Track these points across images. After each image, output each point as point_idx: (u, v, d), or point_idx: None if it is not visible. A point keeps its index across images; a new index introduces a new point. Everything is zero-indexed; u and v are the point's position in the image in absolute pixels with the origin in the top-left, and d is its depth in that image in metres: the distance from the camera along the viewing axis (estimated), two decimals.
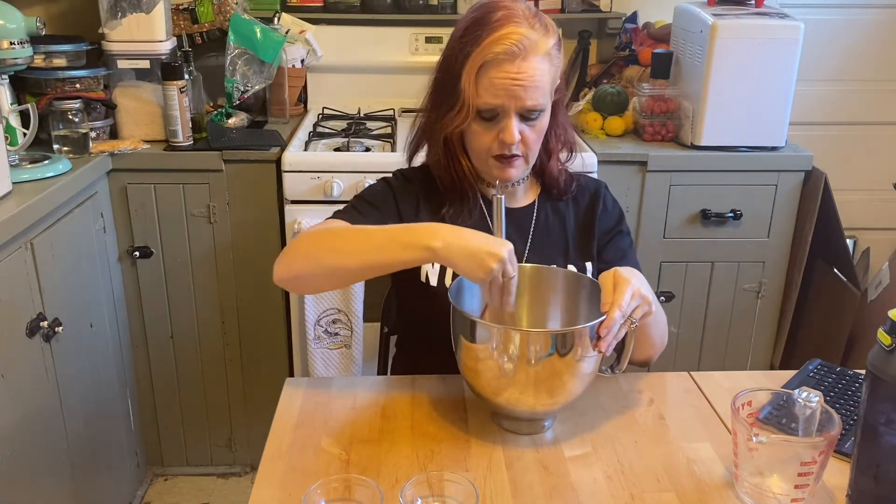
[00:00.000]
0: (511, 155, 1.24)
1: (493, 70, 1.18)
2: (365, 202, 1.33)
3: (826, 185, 2.13)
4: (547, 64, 1.20)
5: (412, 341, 1.47)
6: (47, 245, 1.71)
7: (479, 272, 1.05)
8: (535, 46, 1.18)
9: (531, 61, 1.18)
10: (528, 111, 1.21)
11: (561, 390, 1.06)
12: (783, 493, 0.95)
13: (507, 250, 1.06)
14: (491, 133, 1.23)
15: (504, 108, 1.20)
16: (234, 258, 2.16)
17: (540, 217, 1.37)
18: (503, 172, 1.27)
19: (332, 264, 1.16)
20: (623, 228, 1.39)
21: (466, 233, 1.08)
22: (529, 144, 1.25)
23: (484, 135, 1.24)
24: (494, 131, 1.23)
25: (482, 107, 1.21)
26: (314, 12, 2.53)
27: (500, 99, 1.19)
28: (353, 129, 2.29)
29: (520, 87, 1.18)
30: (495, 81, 1.18)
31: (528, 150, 1.26)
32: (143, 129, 2.15)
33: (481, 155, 1.27)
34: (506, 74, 1.17)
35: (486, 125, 1.23)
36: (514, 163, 1.26)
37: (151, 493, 2.31)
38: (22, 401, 1.60)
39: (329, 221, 1.28)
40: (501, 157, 1.25)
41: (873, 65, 2.82)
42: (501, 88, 1.18)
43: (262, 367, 2.27)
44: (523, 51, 1.17)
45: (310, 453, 1.07)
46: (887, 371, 0.88)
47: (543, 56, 1.19)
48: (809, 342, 2.32)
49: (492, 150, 1.25)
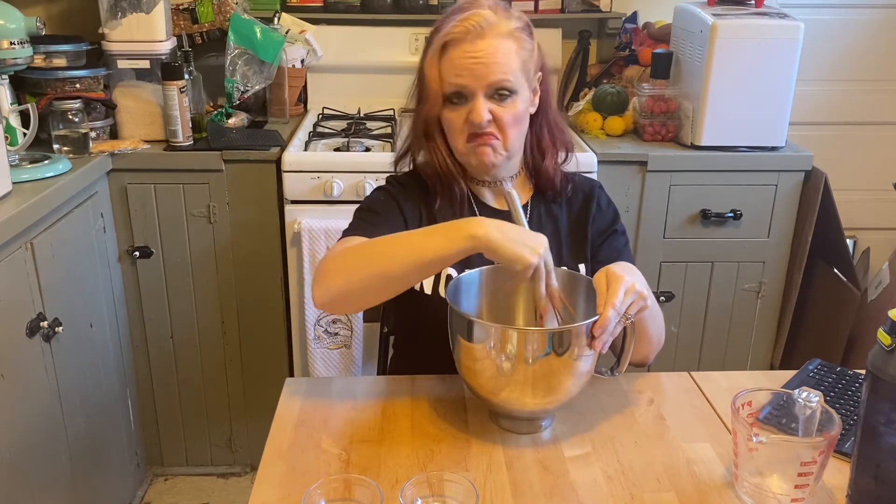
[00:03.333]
0: (483, 133, 1.24)
1: (453, 50, 1.21)
2: (371, 212, 1.32)
3: (826, 185, 2.13)
4: (511, 44, 1.22)
5: (410, 343, 1.47)
6: (47, 245, 1.71)
7: (529, 257, 1.04)
8: (493, 26, 1.21)
9: (490, 39, 1.20)
10: (494, 90, 1.22)
11: (558, 389, 1.06)
12: (783, 493, 0.95)
13: (544, 242, 1.07)
14: (461, 116, 1.24)
15: (468, 88, 1.22)
16: (234, 258, 2.16)
17: (532, 218, 1.36)
18: (479, 156, 1.26)
19: (372, 275, 1.13)
20: (618, 228, 1.38)
21: (507, 224, 1.08)
22: (503, 126, 1.24)
23: (456, 120, 1.25)
24: (465, 113, 1.24)
25: (448, 90, 1.23)
26: (314, 12, 2.53)
27: (462, 78, 1.21)
28: (353, 129, 2.29)
29: (480, 64, 1.20)
30: (455, 62, 1.21)
31: (504, 134, 1.25)
32: (143, 129, 2.15)
33: (459, 143, 1.27)
34: (464, 53, 1.20)
35: (457, 110, 1.24)
36: (488, 141, 1.25)
37: (151, 493, 2.31)
38: (22, 401, 1.60)
39: (346, 240, 1.24)
40: (473, 136, 1.25)
41: (873, 65, 2.82)
42: (462, 68, 1.21)
43: (262, 367, 2.27)
44: (480, 29, 1.20)
45: (310, 453, 1.07)
46: (887, 371, 0.88)
47: (505, 36, 1.22)
48: (809, 342, 2.32)
49: (464, 133, 1.25)
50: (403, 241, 1.14)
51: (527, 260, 1.04)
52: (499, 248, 1.05)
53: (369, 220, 1.29)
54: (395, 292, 1.16)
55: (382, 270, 1.12)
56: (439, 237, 1.09)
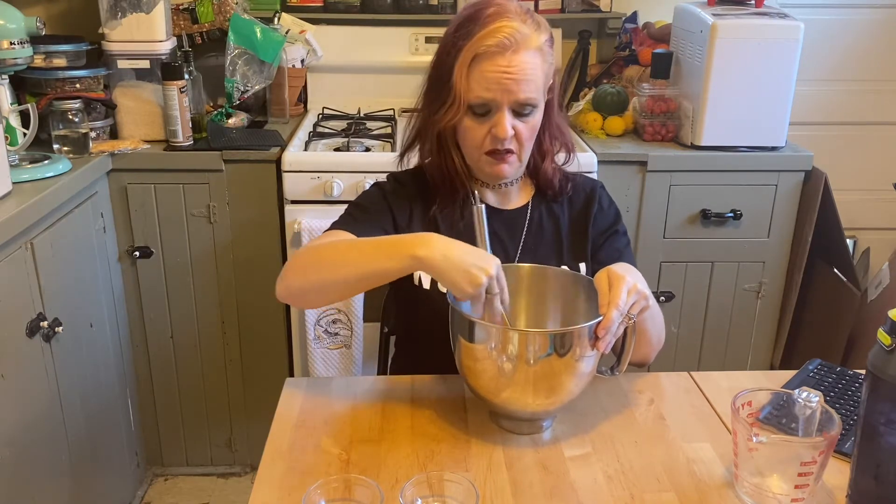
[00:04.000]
0: (504, 150, 1.24)
1: (485, 63, 1.18)
2: (359, 208, 1.33)
3: (826, 185, 2.13)
4: (539, 59, 1.21)
5: (411, 342, 1.47)
6: (47, 245, 1.71)
7: (465, 287, 1.04)
8: (526, 40, 1.18)
9: (522, 55, 1.18)
10: (520, 105, 1.21)
11: (560, 390, 1.06)
12: (783, 493, 0.95)
13: (494, 266, 1.05)
14: (483, 128, 1.23)
15: (496, 102, 1.20)
16: (234, 258, 2.16)
17: (533, 218, 1.36)
18: (495, 169, 1.26)
19: (324, 279, 1.17)
20: (619, 228, 1.38)
21: (456, 245, 1.07)
22: (522, 140, 1.24)
23: (476, 130, 1.24)
24: (487, 126, 1.23)
25: (474, 101, 1.21)
26: (314, 12, 2.53)
27: (491, 93, 1.19)
28: (353, 129, 2.29)
29: (511, 80, 1.18)
30: (487, 75, 1.18)
31: (522, 147, 1.25)
32: (143, 129, 2.15)
33: (474, 152, 1.27)
34: (497, 67, 1.18)
35: (479, 120, 1.23)
36: (507, 159, 1.25)
37: (151, 493, 2.31)
38: (22, 401, 1.60)
39: (327, 234, 1.28)
40: (494, 152, 1.25)
41: (873, 65, 2.82)
42: (493, 82, 1.18)
43: (262, 367, 2.27)
44: (514, 44, 1.17)
45: (310, 453, 1.07)
46: (887, 371, 0.88)
47: (535, 51, 1.20)
48: (809, 342, 2.32)
49: (484, 146, 1.25)
50: (357, 249, 1.16)
51: (462, 289, 1.04)
52: (439, 273, 1.06)
53: (355, 216, 1.31)
54: (347, 296, 1.23)
55: (334, 276, 1.16)
56: (385, 253, 1.11)
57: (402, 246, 1.09)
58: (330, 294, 1.21)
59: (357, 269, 1.14)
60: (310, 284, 1.18)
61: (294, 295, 1.23)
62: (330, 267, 1.16)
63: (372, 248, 1.14)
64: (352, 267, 1.14)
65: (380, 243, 1.14)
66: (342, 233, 1.26)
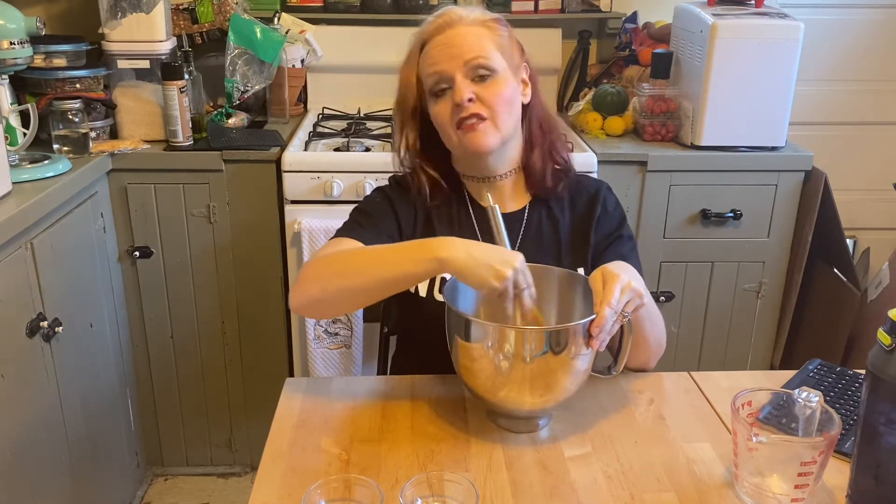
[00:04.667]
0: (470, 116, 1.24)
1: (429, 45, 1.27)
2: (364, 214, 1.33)
3: (826, 185, 2.13)
4: (482, 30, 1.26)
5: (410, 342, 1.47)
6: (47, 245, 1.71)
7: (493, 282, 1.05)
8: (462, 18, 1.27)
9: (460, 27, 1.26)
10: (472, 69, 1.23)
11: (556, 387, 1.06)
12: (783, 493, 0.95)
13: (519, 259, 1.07)
14: (448, 104, 1.25)
15: (446, 72, 1.24)
16: (234, 258, 2.16)
17: (531, 222, 1.35)
18: (469, 139, 1.25)
19: (345, 287, 1.16)
20: (624, 232, 1.36)
21: (477, 244, 1.08)
22: (489, 104, 1.24)
23: (443, 109, 1.26)
24: (451, 103, 1.25)
25: (429, 83, 1.26)
26: (314, 12, 2.53)
27: (439, 65, 1.24)
28: (353, 129, 2.29)
29: (453, 47, 1.24)
30: (432, 52, 1.26)
31: (493, 112, 1.25)
32: (143, 129, 2.15)
33: (448, 131, 1.28)
34: (437, 44, 1.26)
35: (443, 101, 1.26)
36: (476, 126, 1.25)
37: (151, 493, 2.31)
38: (22, 401, 1.60)
39: (335, 241, 1.28)
40: (462, 121, 1.25)
41: (873, 65, 2.82)
42: (437, 55, 1.25)
43: (262, 367, 2.27)
44: (451, 22, 1.26)
45: (310, 453, 1.07)
46: (887, 371, 0.88)
47: (478, 25, 1.27)
48: (809, 342, 2.32)
49: (454, 120, 1.26)
50: (376, 256, 1.16)
51: (490, 285, 1.05)
52: (464, 273, 1.06)
53: (360, 222, 1.31)
54: (367, 303, 1.22)
55: (353, 284, 1.16)
56: (408, 258, 1.11)
57: (424, 250, 1.10)
58: (349, 303, 1.22)
59: (379, 276, 1.13)
60: (330, 294, 1.18)
61: (311, 305, 1.21)
62: (350, 275, 1.16)
63: (393, 253, 1.14)
64: (374, 274, 1.14)
65: (401, 249, 1.14)
66: (349, 241, 1.26)
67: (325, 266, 1.20)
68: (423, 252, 1.10)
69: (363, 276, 1.15)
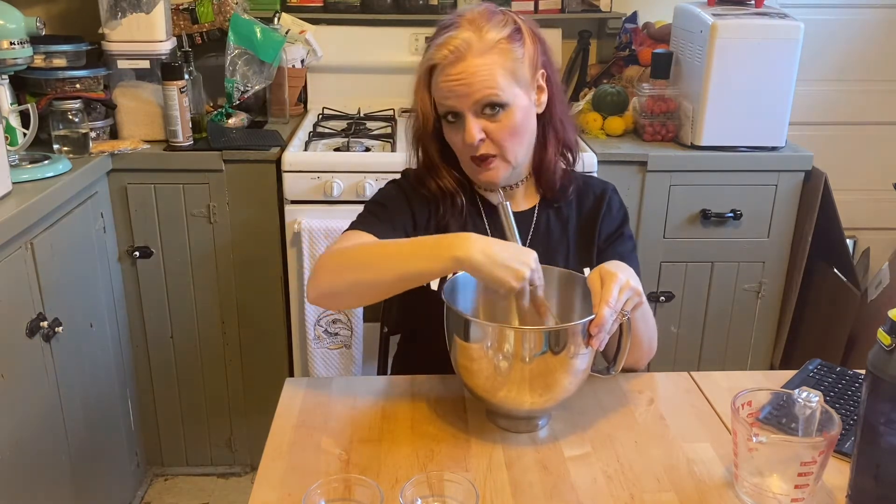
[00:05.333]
0: (482, 156, 1.24)
1: (438, 76, 1.23)
2: (379, 206, 1.33)
3: (826, 185, 2.13)
4: (494, 57, 1.21)
5: (411, 341, 1.47)
6: (47, 245, 1.71)
7: (511, 282, 1.05)
8: (471, 47, 1.20)
9: (469, 59, 1.20)
10: (482, 106, 1.22)
11: (555, 387, 1.06)
12: (783, 493, 0.95)
13: (534, 258, 1.07)
14: (461, 136, 1.24)
15: (456, 109, 1.23)
16: (234, 258, 2.16)
17: (540, 222, 1.36)
18: (482, 175, 1.27)
19: (362, 279, 1.16)
20: (625, 232, 1.37)
21: (495, 242, 1.08)
22: (499, 141, 1.24)
23: (456, 136, 1.26)
24: (462, 134, 1.24)
25: (441, 110, 1.25)
26: (314, 12, 2.53)
27: (449, 101, 1.22)
28: (353, 129, 2.29)
29: (462, 85, 1.20)
30: (440, 86, 1.23)
31: (502, 149, 1.25)
32: (143, 129, 2.15)
33: (463, 157, 1.29)
34: (447, 77, 1.21)
35: (456, 128, 1.25)
36: (489, 164, 1.25)
37: (151, 493, 2.31)
38: (22, 401, 1.60)
39: (350, 234, 1.28)
40: (474, 159, 1.26)
41: (873, 65, 2.82)
42: (447, 90, 1.22)
43: (262, 367, 2.27)
44: (459, 53, 1.20)
45: (310, 453, 1.07)
46: (887, 371, 0.88)
47: (486, 52, 1.20)
48: (809, 342, 2.32)
49: (467, 152, 1.26)
50: (393, 252, 1.16)
51: (508, 284, 1.05)
52: (481, 271, 1.06)
53: (376, 214, 1.31)
54: (381, 297, 1.21)
55: (369, 278, 1.16)
56: (425, 255, 1.11)
57: (441, 247, 1.09)
58: (365, 296, 1.21)
59: (396, 271, 1.13)
60: (346, 286, 1.18)
61: (327, 296, 1.21)
62: (367, 269, 1.16)
63: (410, 249, 1.14)
64: (391, 269, 1.14)
65: (418, 244, 1.14)
66: (365, 234, 1.26)
67: (342, 259, 1.19)
68: (439, 250, 1.09)
69: (379, 271, 1.15)
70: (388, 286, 1.16)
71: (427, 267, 1.10)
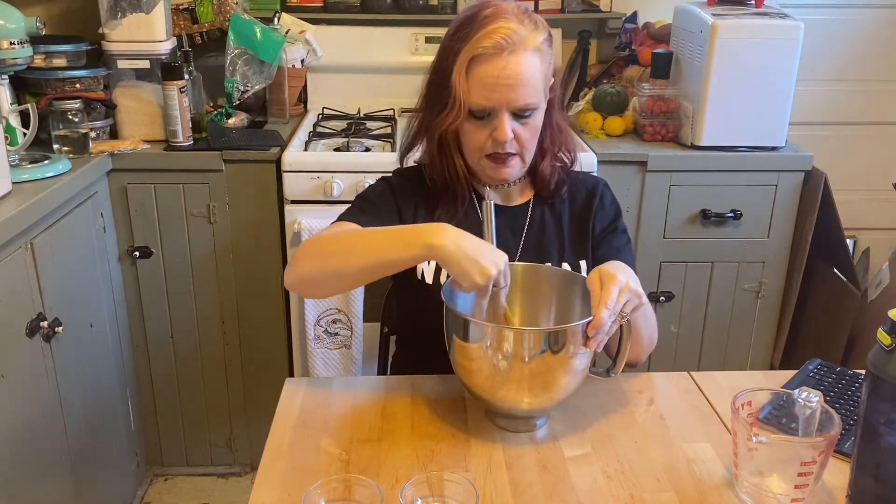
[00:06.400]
0: (505, 154, 1.24)
1: (482, 66, 1.18)
2: (366, 201, 1.35)
3: (826, 185, 2.13)
4: (538, 59, 1.20)
5: (412, 339, 1.47)
6: (47, 245, 1.71)
7: (476, 277, 1.05)
8: (523, 41, 1.18)
9: (520, 55, 1.18)
10: (519, 109, 1.21)
11: (554, 387, 1.06)
12: (783, 493, 0.95)
13: (504, 261, 1.07)
14: (484, 132, 1.23)
15: (493, 106, 1.20)
16: (234, 258, 2.16)
17: (535, 216, 1.37)
18: (498, 172, 1.27)
19: (335, 267, 1.18)
20: (619, 226, 1.38)
21: (468, 237, 1.08)
22: (524, 143, 1.25)
23: (477, 133, 1.24)
24: (487, 130, 1.23)
25: (473, 106, 1.21)
26: (314, 12, 2.53)
27: (490, 101, 1.19)
28: (353, 129, 2.29)
29: (509, 85, 1.18)
30: (485, 79, 1.18)
31: (524, 149, 1.26)
32: (143, 129, 2.15)
33: (475, 154, 1.27)
34: (494, 70, 1.17)
35: (479, 123, 1.23)
36: (509, 162, 1.26)
37: (151, 493, 2.31)
38: (22, 401, 1.60)
39: (335, 224, 1.29)
40: (495, 156, 1.25)
41: (873, 65, 2.82)
42: (491, 87, 1.18)
43: (262, 367, 2.27)
44: (511, 45, 1.17)
45: (310, 453, 1.07)
46: (887, 371, 0.88)
47: (533, 51, 1.19)
48: (809, 342, 2.32)
49: (485, 149, 1.25)
50: (369, 239, 1.16)
51: (472, 279, 1.05)
52: (450, 261, 1.06)
53: (362, 208, 1.32)
54: (358, 285, 1.24)
55: (345, 265, 1.17)
56: (399, 243, 1.11)
57: (415, 235, 1.10)
58: (341, 283, 1.22)
59: (370, 258, 1.14)
60: (321, 273, 1.19)
61: (304, 283, 1.23)
62: (342, 256, 1.17)
63: (384, 237, 1.15)
64: (364, 256, 1.15)
65: (392, 232, 1.15)
66: (348, 224, 1.27)
67: (319, 246, 1.21)
68: (413, 237, 1.10)
69: (354, 257, 1.16)
70: (362, 273, 1.17)
71: (400, 255, 1.11)
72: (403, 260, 1.12)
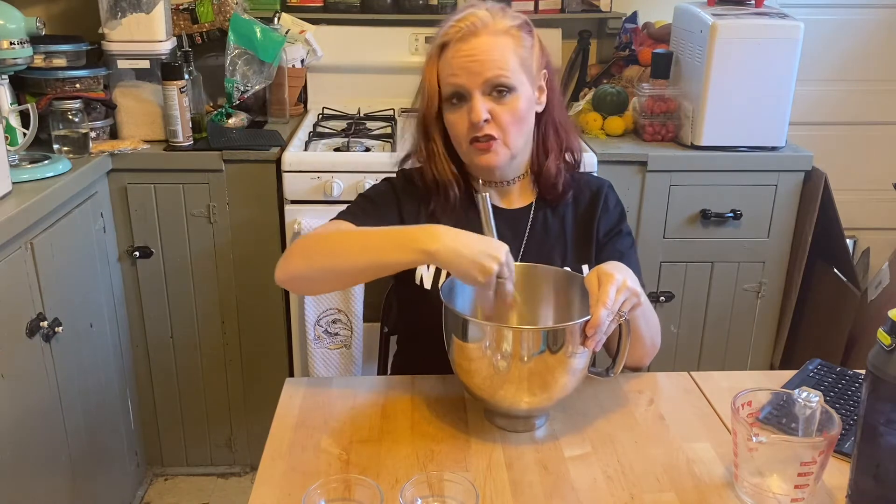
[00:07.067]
0: (486, 137, 1.24)
1: (450, 52, 1.23)
2: (368, 201, 1.34)
3: (826, 185, 2.13)
4: (507, 40, 1.23)
5: (411, 341, 1.47)
6: (47, 245, 1.71)
7: (477, 276, 1.05)
8: (486, 25, 1.22)
9: (484, 37, 1.22)
10: (491, 87, 1.22)
11: (553, 386, 1.06)
12: (783, 493, 0.95)
13: (504, 252, 1.07)
14: (464, 117, 1.24)
15: (465, 87, 1.22)
16: (234, 258, 2.16)
17: (537, 219, 1.36)
18: (482, 158, 1.27)
19: (327, 266, 1.17)
20: (623, 229, 1.37)
21: (464, 235, 1.08)
22: (503, 125, 1.24)
23: (458, 120, 1.26)
24: (466, 116, 1.24)
25: (446, 91, 1.24)
26: (314, 12, 2.53)
27: (458, 77, 1.22)
28: (353, 129, 2.29)
29: (475, 61, 1.21)
30: (451, 61, 1.23)
31: (505, 133, 1.25)
32: (143, 129, 2.15)
33: (462, 143, 1.28)
34: (458, 52, 1.22)
35: (458, 112, 1.25)
36: (490, 146, 1.25)
37: (151, 493, 2.31)
38: (22, 401, 1.60)
39: (332, 223, 1.29)
40: (476, 140, 1.25)
41: (873, 65, 2.82)
42: (457, 67, 1.22)
43: (262, 367, 2.27)
44: (474, 28, 1.22)
45: (310, 453, 1.07)
46: (887, 371, 0.88)
47: (501, 34, 1.23)
48: (809, 342, 2.32)
49: (468, 135, 1.26)
50: (364, 240, 1.17)
51: (474, 278, 1.06)
52: (449, 265, 1.07)
53: (362, 208, 1.32)
54: (350, 285, 1.24)
55: (339, 265, 1.17)
56: (394, 246, 1.12)
57: (410, 239, 1.10)
58: (333, 282, 1.23)
59: (364, 260, 1.14)
60: (314, 271, 1.19)
61: (295, 279, 1.22)
62: (337, 255, 1.17)
63: (380, 239, 1.14)
64: (359, 257, 1.15)
65: (388, 235, 1.15)
66: (347, 224, 1.27)
67: (314, 244, 1.20)
68: (409, 241, 1.10)
69: (348, 258, 1.16)
70: (355, 274, 1.18)
71: (395, 258, 1.11)
72: (399, 263, 1.12)
